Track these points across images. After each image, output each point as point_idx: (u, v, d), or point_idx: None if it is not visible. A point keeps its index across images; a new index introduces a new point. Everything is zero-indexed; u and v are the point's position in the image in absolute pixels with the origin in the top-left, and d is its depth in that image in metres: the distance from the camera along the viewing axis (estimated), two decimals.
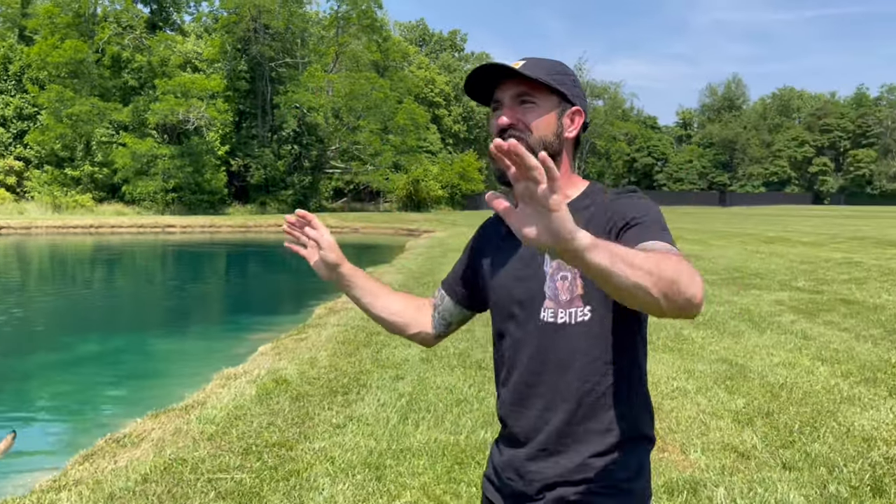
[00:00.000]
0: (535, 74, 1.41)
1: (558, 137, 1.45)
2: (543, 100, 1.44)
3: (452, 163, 59.03)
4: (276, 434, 4.50)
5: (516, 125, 1.42)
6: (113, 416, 6.25)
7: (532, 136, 1.42)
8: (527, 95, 1.43)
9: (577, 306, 1.39)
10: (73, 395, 7.34)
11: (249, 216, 38.22)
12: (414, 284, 12.29)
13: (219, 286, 17.59)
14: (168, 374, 8.29)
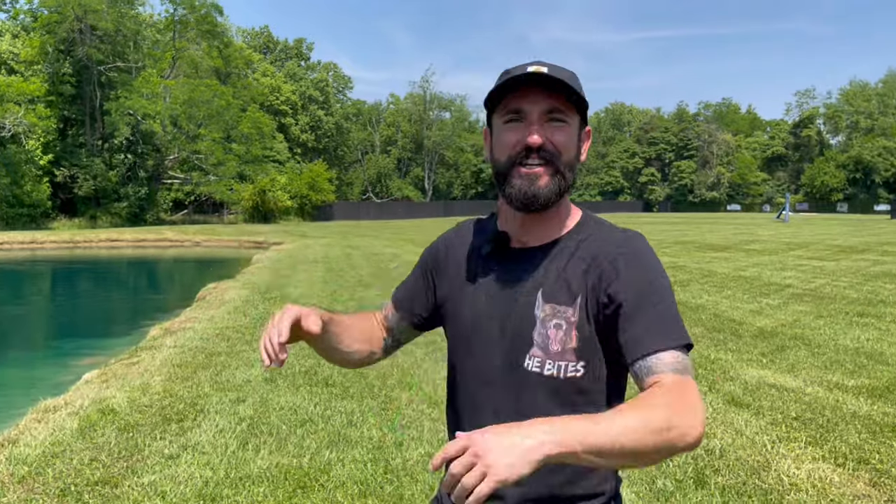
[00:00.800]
0: (572, 86, 1.25)
1: (577, 160, 1.33)
2: (571, 118, 1.29)
3: (301, 172, 57.95)
4: (100, 470, 4.13)
5: (546, 146, 1.26)
6: None
7: (562, 160, 1.28)
8: (557, 112, 1.27)
9: (570, 360, 1.26)
10: None
11: (78, 230, 35.38)
12: (259, 300, 11.89)
13: (40, 308, 16.09)
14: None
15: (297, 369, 6.64)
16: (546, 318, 1.27)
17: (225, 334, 8.62)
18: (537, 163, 1.26)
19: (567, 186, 1.30)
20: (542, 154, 1.26)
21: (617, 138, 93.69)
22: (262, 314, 10.20)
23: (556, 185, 1.28)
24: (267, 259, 21.68)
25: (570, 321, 1.25)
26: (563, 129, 1.28)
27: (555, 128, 1.27)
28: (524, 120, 1.27)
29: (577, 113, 1.29)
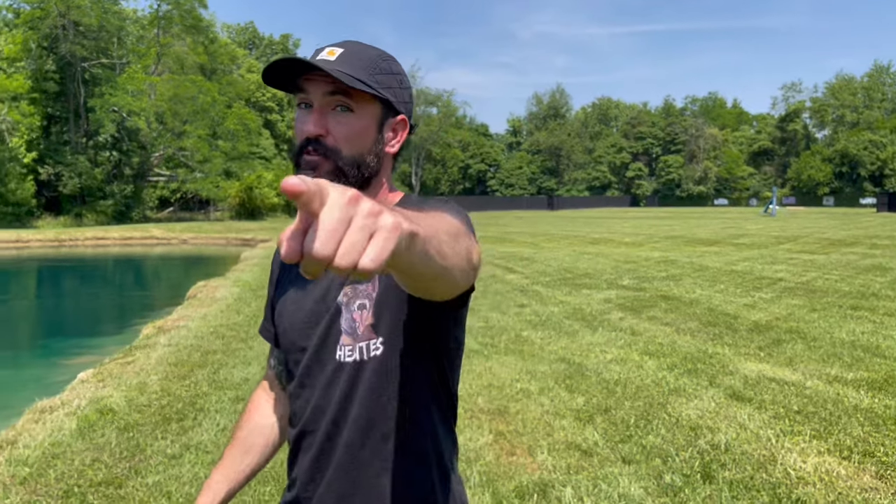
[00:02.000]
0: (354, 74, 1.12)
1: (377, 155, 1.19)
2: (363, 108, 1.16)
3: (288, 169, 57.62)
4: (103, 471, 4.08)
5: (324, 137, 1.14)
6: None
7: (343, 155, 1.15)
8: (342, 99, 1.14)
9: (370, 338, 1.16)
10: None
11: (63, 229, 35.00)
12: (251, 297, 11.82)
13: (28, 307, 15.91)
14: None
15: None
16: (348, 303, 1.18)
17: (219, 332, 8.56)
18: (314, 156, 1.15)
19: (354, 183, 1.16)
20: (317, 147, 1.14)
21: (604, 133, 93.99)
22: (255, 311, 10.13)
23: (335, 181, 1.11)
24: (256, 256, 21.54)
25: (371, 297, 1.16)
26: (349, 120, 1.15)
27: (339, 118, 1.15)
28: (309, 106, 1.17)
29: (376, 101, 1.16)
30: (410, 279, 0.82)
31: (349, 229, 0.59)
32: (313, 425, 1.22)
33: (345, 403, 1.18)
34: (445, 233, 0.83)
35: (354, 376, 1.17)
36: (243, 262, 20.21)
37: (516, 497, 3.72)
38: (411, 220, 0.68)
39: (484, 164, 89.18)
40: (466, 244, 0.90)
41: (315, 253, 0.57)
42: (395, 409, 1.18)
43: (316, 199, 0.59)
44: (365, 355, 1.16)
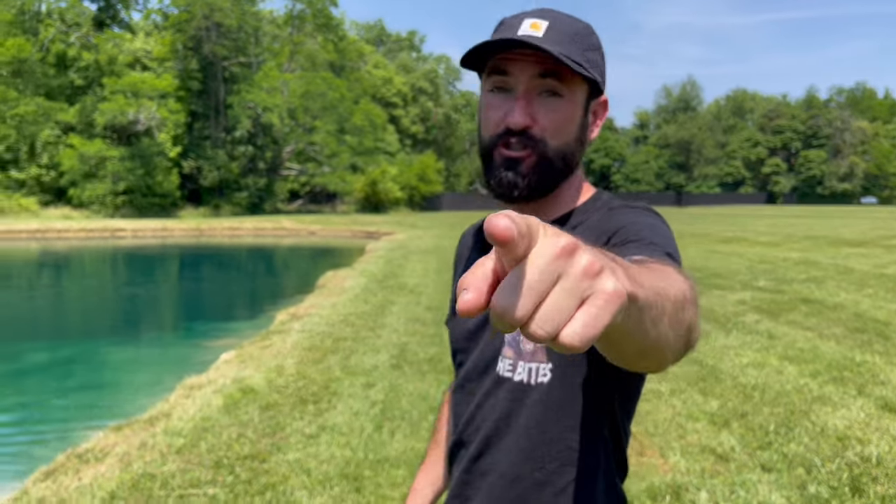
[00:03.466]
0: (567, 52, 0.98)
1: (581, 143, 1.08)
2: (572, 91, 1.03)
3: (411, 164, 58.86)
4: (248, 446, 4.34)
5: (532, 129, 1.02)
6: (71, 428, 5.98)
7: (550, 146, 1.03)
8: (552, 83, 1.01)
9: (539, 362, 1.04)
10: (27, 408, 7.01)
11: (203, 219, 37.43)
12: (377, 288, 12.16)
13: (173, 291, 17.14)
14: (125, 384, 8.00)
15: (421, 356, 6.74)
16: None
17: (349, 320, 8.87)
18: (518, 151, 1.03)
19: (559, 176, 1.07)
20: (523, 140, 1.02)
21: (738, 126, 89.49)
22: (382, 301, 10.43)
23: (540, 176, 1.04)
24: (380, 248, 22.15)
25: None
26: (559, 106, 1.02)
27: (548, 104, 1.02)
28: (512, 90, 1.03)
29: (585, 83, 1.03)
30: (610, 349, 0.66)
31: (555, 288, 0.46)
32: (466, 437, 1.15)
33: (501, 425, 1.08)
34: (670, 300, 0.67)
35: (515, 399, 1.06)
36: (368, 253, 20.83)
37: (648, 497, 3.64)
38: (632, 279, 0.56)
39: (608, 159, 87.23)
40: (690, 316, 0.73)
41: (504, 311, 0.45)
42: (556, 452, 1.05)
43: (523, 243, 0.46)
44: (531, 379, 1.04)
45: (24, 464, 5.18)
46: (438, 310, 9.62)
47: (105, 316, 13.38)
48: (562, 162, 1.06)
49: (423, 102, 70.71)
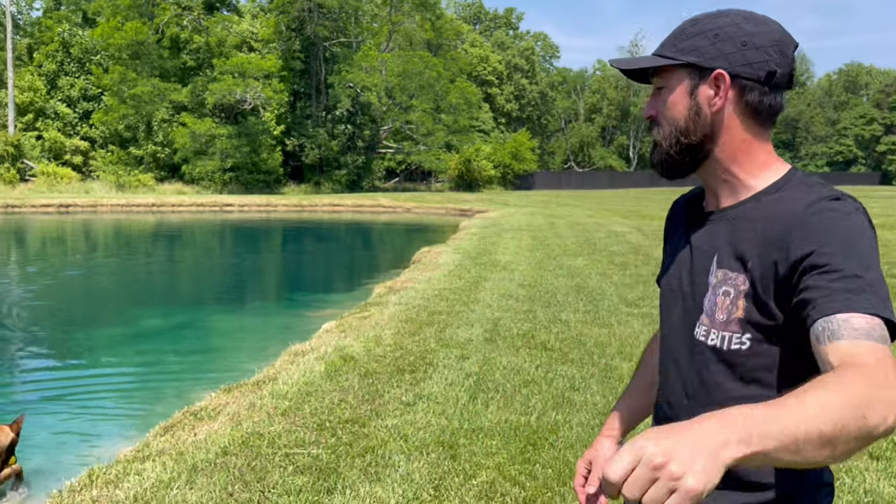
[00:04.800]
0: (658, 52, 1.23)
1: (697, 118, 1.19)
2: (669, 81, 1.23)
3: (505, 142, 58.60)
4: (348, 411, 4.54)
5: (655, 118, 1.26)
6: (185, 388, 6.42)
7: (665, 130, 1.23)
8: (655, 80, 1.26)
9: (734, 331, 1.16)
10: (146, 367, 7.56)
11: (304, 196, 38.66)
12: (470, 264, 12.27)
13: (277, 264, 17.87)
14: (234, 349, 8.47)
15: (514, 332, 6.80)
16: (717, 284, 1.18)
17: (443, 295, 9.02)
18: (652, 136, 1.28)
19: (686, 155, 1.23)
20: (652, 127, 1.26)
21: (851, 102, 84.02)
22: (475, 277, 10.53)
23: (664, 157, 1.25)
24: (474, 226, 22.26)
25: (738, 289, 1.15)
26: (663, 95, 1.24)
27: (658, 96, 1.25)
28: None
29: (680, 68, 1.21)
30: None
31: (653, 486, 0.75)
32: (668, 395, 1.30)
33: (695, 385, 1.22)
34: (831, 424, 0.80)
35: (708, 361, 1.19)
36: (462, 230, 20.98)
37: None
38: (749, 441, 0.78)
39: None
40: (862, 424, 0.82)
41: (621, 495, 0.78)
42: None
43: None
44: (725, 345, 1.16)
45: (144, 419, 5.61)
46: (531, 286, 9.64)
47: (214, 285, 14.14)
48: (677, 144, 1.23)
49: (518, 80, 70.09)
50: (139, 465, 3.79)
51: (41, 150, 36.66)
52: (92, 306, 11.68)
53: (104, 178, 36.21)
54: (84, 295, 12.75)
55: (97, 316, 10.74)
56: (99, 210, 29.30)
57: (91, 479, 3.64)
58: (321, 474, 3.58)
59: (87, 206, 29.27)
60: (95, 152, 38.58)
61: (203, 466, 3.69)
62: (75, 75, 39.60)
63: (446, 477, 3.55)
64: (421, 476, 3.55)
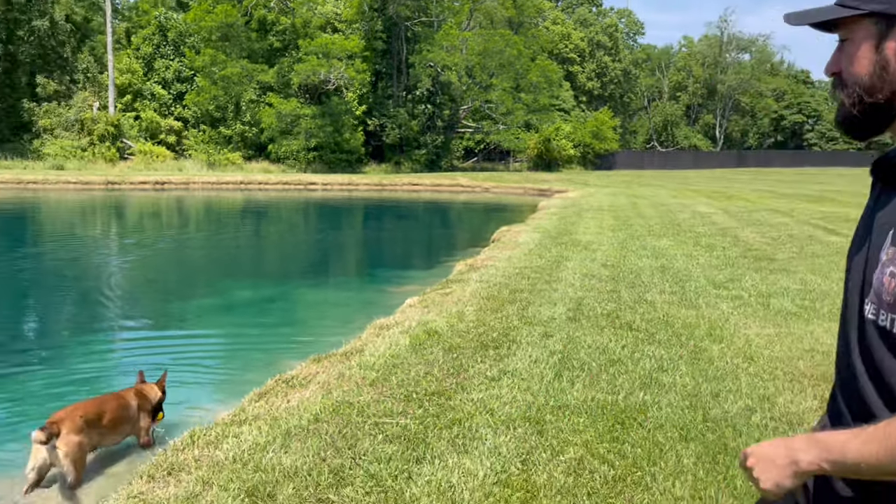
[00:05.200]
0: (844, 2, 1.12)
1: (884, 74, 1.09)
2: (853, 32, 1.13)
3: (585, 121, 57.56)
4: (434, 383, 4.60)
5: (839, 75, 1.17)
6: (274, 357, 6.65)
7: (847, 87, 1.14)
8: (837, 33, 1.16)
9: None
10: (236, 336, 7.85)
11: (384, 175, 39.14)
12: (551, 243, 12.16)
13: (359, 241, 18.20)
14: (319, 321, 8.70)
15: (598, 311, 6.72)
16: (886, 263, 1.09)
17: (524, 273, 8.99)
18: (837, 94, 1.18)
19: (866, 112, 1.14)
20: (836, 84, 1.18)
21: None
22: (556, 256, 10.44)
23: (847, 114, 1.17)
24: (553, 206, 22.03)
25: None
26: (845, 49, 1.15)
27: (841, 50, 1.16)
28: None
29: (866, 17, 1.10)
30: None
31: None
32: (840, 366, 1.24)
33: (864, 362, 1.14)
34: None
35: (878, 341, 1.11)
36: (541, 210, 20.82)
37: None
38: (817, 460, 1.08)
39: (801, 116, 79.96)
40: None
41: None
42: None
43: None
44: (894, 327, 1.08)
45: (237, 385, 5.84)
46: (614, 267, 9.48)
47: (300, 260, 14.54)
48: (860, 103, 1.13)
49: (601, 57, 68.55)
50: (236, 428, 3.96)
51: (138, 130, 38.41)
52: (184, 277, 12.23)
53: (196, 157, 37.64)
54: (177, 266, 13.36)
55: (190, 286, 11.24)
56: (191, 187, 30.52)
57: (192, 440, 3.83)
58: (410, 444, 3.65)
59: (180, 184, 30.54)
60: (188, 132, 40.13)
61: (296, 432, 3.82)
62: (170, 58, 41.17)
63: (533, 452, 3.56)
64: (508, 450, 3.57)
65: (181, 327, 8.39)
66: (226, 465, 3.44)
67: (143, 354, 7.01)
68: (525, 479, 3.28)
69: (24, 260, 13.14)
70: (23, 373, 6.32)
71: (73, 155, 34.79)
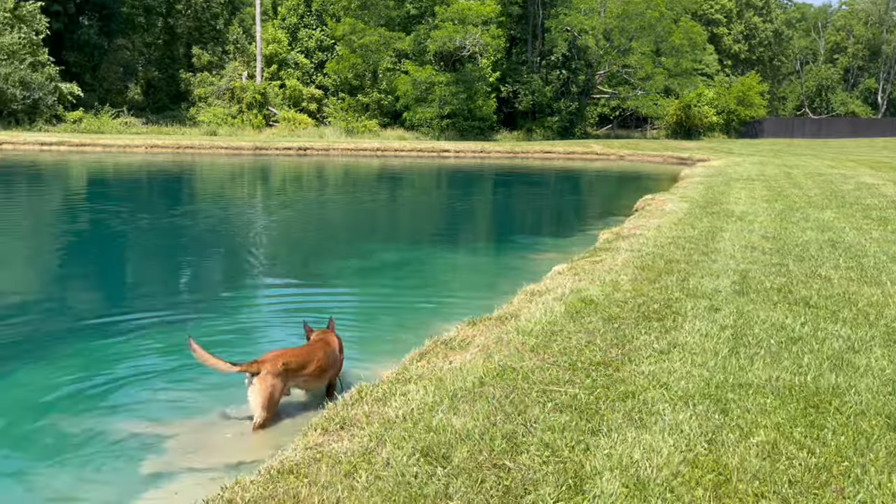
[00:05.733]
0: None
1: None
2: None
3: (730, 86, 54.29)
4: (598, 353, 4.40)
5: None
6: (424, 319, 6.67)
7: None
8: None
9: None
10: (384, 297, 7.92)
11: (516, 143, 38.75)
12: (701, 213, 11.51)
13: (495, 208, 18.06)
14: (464, 285, 8.65)
15: (767, 285, 6.23)
16: None
17: (677, 243, 8.53)
18: None
19: None
20: None
21: None
22: (709, 227, 9.85)
23: None
24: (697, 175, 20.92)
25: None
26: None
27: None
28: None
29: None
30: None
31: None
32: None
33: None
34: None
35: None
36: (684, 179, 19.84)
37: None
38: None
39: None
40: None
41: None
42: None
43: None
44: None
45: (391, 344, 5.89)
46: (776, 239, 8.82)
47: (439, 225, 14.60)
48: None
49: (750, 18, 64.18)
50: (402, 386, 3.94)
51: (282, 98, 40.05)
52: (330, 238, 12.58)
53: (334, 124, 38.83)
54: (323, 228, 13.79)
55: (336, 247, 11.53)
56: (331, 153, 31.53)
57: (361, 396, 3.85)
58: (582, 414, 3.48)
59: (321, 150, 31.61)
60: (327, 99, 41.42)
61: (462, 394, 3.75)
62: (312, 27, 42.50)
63: (719, 432, 3.29)
64: (691, 428, 3.32)
65: (332, 285, 8.59)
66: (396, 422, 3.42)
67: (294, 310, 7.22)
68: (714, 459, 3.03)
69: (184, 217, 14.02)
70: (185, 321, 6.69)
71: (224, 122, 36.85)
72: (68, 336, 6.14)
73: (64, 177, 21.67)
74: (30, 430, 4.26)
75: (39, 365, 5.35)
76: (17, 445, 4.10)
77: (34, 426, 4.30)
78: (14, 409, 4.55)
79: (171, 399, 4.70)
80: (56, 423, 4.30)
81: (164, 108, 39.30)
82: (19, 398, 4.75)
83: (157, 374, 5.19)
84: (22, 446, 4.09)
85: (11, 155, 25.40)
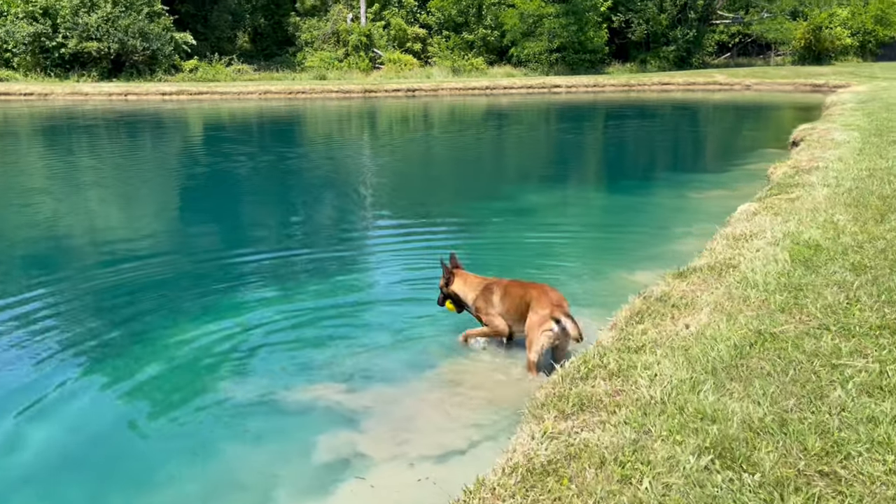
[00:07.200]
0: None
1: None
2: None
3: (867, 3, 49.13)
4: (871, 314, 3.52)
5: None
6: (600, 267, 5.91)
7: None
8: None
9: None
10: (549, 242, 7.10)
11: (631, 75, 36.57)
12: (879, 142, 10.10)
13: (631, 144, 16.75)
14: (631, 228, 7.67)
15: None
16: None
17: (877, 175, 7.35)
18: None
19: None
20: None
21: None
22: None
23: None
24: (846, 101, 18.82)
25: None
26: None
27: None
28: None
29: None
30: None
31: None
32: None
33: None
34: None
35: None
36: (832, 107, 17.87)
37: None
38: None
39: None
40: None
41: None
42: None
43: None
44: None
45: (579, 297, 5.05)
46: None
47: (579, 163, 13.56)
48: None
49: None
50: (636, 356, 3.23)
51: (387, 40, 39.32)
52: (465, 179, 11.80)
53: (440, 64, 37.83)
54: (463, 169, 13.03)
55: (472, 188, 10.75)
56: (440, 94, 30.70)
57: (589, 368, 3.17)
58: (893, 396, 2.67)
59: (429, 90, 30.82)
60: (432, 39, 40.36)
61: (724, 369, 3.00)
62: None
63: None
64: None
65: (485, 228, 7.88)
66: (655, 406, 2.72)
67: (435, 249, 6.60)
68: None
69: (326, 160, 13.63)
70: (315, 258, 6.23)
71: (332, 66, 36.57)
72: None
73: (194, 124, 21.95)
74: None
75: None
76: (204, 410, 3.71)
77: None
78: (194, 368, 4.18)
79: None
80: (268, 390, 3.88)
81: (272, 55, 39.44)
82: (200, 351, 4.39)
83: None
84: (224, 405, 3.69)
85: (137, 106, 26.05)
